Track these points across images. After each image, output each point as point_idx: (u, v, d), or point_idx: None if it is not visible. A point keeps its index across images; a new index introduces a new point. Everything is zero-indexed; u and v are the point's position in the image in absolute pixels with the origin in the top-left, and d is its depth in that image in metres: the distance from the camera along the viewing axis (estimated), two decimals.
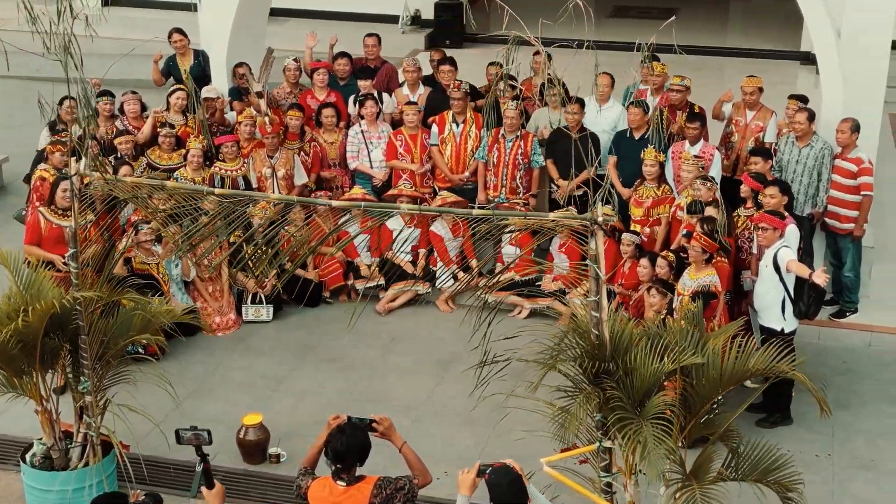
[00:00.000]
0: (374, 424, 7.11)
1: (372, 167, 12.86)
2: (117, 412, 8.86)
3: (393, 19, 20.80)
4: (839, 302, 11.95)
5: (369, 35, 14.16)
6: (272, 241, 11.65)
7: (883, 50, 11.86)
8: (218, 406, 10.73)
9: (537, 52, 13.08)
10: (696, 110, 12.22)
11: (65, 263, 10.75)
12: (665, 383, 7.92)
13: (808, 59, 19.91)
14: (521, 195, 12.50)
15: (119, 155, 12.40)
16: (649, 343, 7.79)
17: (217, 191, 8.33)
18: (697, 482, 7.59)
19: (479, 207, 10.62)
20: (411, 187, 12.55)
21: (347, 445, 6.79)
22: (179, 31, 13.57)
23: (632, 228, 11.65)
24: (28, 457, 9.14)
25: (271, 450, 9.95)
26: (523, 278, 12.29)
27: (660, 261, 10.67)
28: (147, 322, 8.94)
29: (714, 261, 10.23)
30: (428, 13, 20.89)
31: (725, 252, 10.46)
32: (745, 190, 10.99)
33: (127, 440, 9.12)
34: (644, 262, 10.94)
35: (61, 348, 8.75)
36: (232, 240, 11.90)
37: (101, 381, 8.97)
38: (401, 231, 12.31)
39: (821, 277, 9.62)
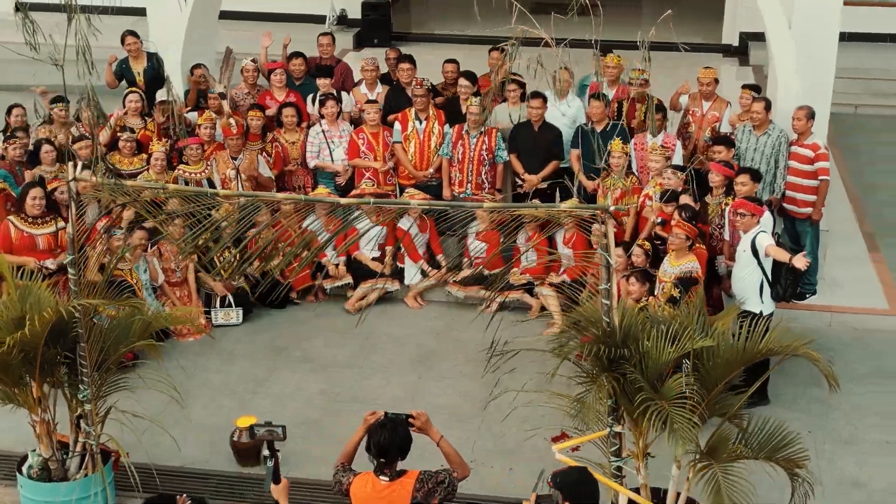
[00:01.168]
0: (411, 420, 7.13)
1: (336, 176, 12.89)
2: (124, 421, 8.75)
3: (320, 19, 20.79)
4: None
5: (323, 34, 14.21)
6: (241, 243, 11.68)
7: (831, 40, 12.26)
8: (202, 410, 10.65)
9: (493, 49, 13.33)
10: (656, 102, 12.45)
11: (45, 268, 10.64)
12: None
13: (730, 51, 20.51)
14: (486, 190, 12.61)
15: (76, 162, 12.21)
16: (660, 328, 7.99)
17: (223, 192, 8.30)
18: (715, 461, 7.78)
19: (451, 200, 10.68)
20: (374, 185, 12.60)
21: (391, 440, 6.83)
22: (133, 33, 13.37)
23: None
24: (24, 469, 8.99)
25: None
26: (491, 273, 12.43)
27: (636, 249, 10.88)
28: (146, 327, 8.87)
29: (694, 247, 10.48)
30: (355, 13, 20.94)
31: (703, 237, 10.72)
32: (714, 178, 11.26)
33: (122, 448, 9.00)
34: (618, 251, 11.13)
35: (60, 357, 8.62)
36: (199, 243, 11.89)
37: (101, 390, 8.86)
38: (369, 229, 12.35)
39: (801, 261, 9.91)
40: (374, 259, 12.58)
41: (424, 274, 12.56)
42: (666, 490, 8.39)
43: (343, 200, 8.17)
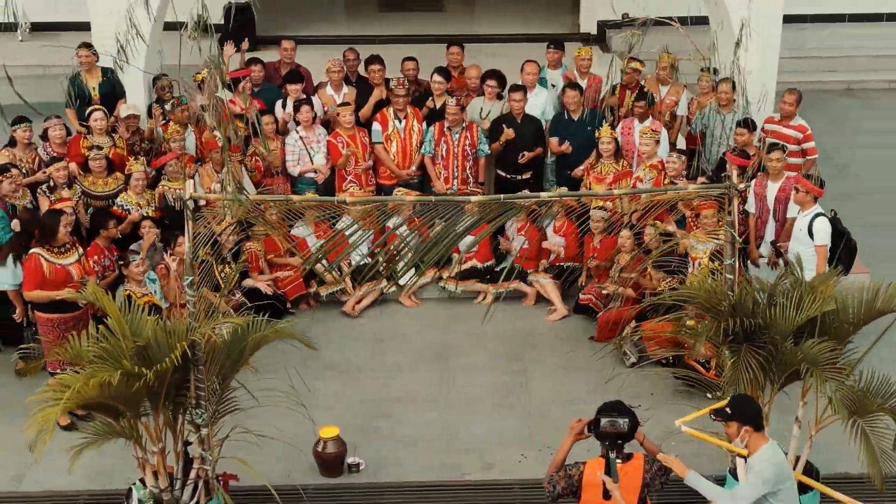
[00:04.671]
0: None
1: (316, 174, 12.75)
2: (257, 441, 8.58)
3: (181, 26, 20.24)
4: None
5: (286, 38, 13.97)
6: (239, 256, 11.51)
7: (776, 20, 13.13)
8: (261, 426, 10.37)
9: (450, 45, 13.54)
10: (645, 90, 12.93)
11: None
12: None
13: (588, 40, 21.25)
14: (471, 185, 12.79)
15: (52, 184, 11.65)
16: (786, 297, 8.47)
17: (350, 199, 8.23)
18: (859, 416, 8.29)
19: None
20: (360, 189, 12.57)
21: (630, 424, 7.06)
22: (88, 45, 12.79)
23: (595, 205, 12.09)
24: None
25: (349, 459, 9.84)
26: (484, 265, 12.63)
27: (649, 230, 11.32)
28: (258, 343, 8.69)
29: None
30: (217, 17, 20.43)
31: None
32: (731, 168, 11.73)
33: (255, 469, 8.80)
34: (625, 232, 11.57)
35: (184, 382, 8.35)
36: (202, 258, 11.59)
37: (217, 412, 8.62)
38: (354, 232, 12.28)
39: None
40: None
41: (419, 272, 12.60)
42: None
43: (474, 199, 8.28)
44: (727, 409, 7.52)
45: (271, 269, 12.31)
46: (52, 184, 11.65)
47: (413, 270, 12.45)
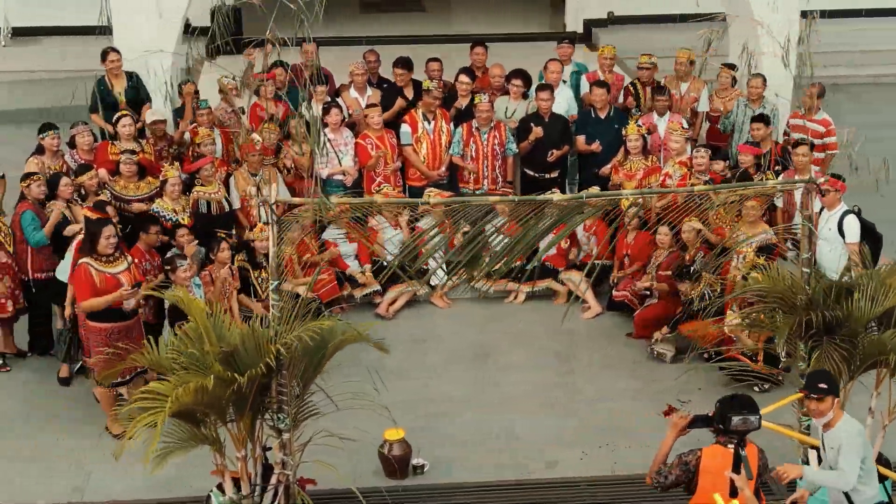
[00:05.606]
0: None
1: (344, 176, 12.71)
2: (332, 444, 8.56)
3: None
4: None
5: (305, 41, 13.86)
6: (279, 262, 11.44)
7: (794, 16, 13.27)
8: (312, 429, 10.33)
9: (474, 46, 13.58)
10: (662, 84, 13.03)
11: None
12: None
13: (575, 39, 21.32)
14: (500, 185, 12.80)
15: (83, 192, 11.49)
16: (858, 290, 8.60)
17: (432, 200, 8.23)
18: None
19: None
20: (394, 189, 12.55)
21: (760, 420, 7.10)
22: (116, 50, 12.65)
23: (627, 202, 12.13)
24: None
25: (414, 461, 9.82)
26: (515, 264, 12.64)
27: (686, 226, 11.40)
28: (337, 346, 8.65)
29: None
30: (204, 20, 20.28)
31: None
32: (745, 159, 11.88)
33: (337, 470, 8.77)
34: (664, 229, 11.65)
35: (266, 388, 8.29)
36: (238, 265, 11.54)
37: (298, 416, 8.57)
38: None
39: None
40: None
41: (450, 273, 12.58)
42: None
43: (555, 197, 8.31)
44: (822, 386, 7.45)
45: (303, 273, 12.24)
46: (83, 191, 11.49)
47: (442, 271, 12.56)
